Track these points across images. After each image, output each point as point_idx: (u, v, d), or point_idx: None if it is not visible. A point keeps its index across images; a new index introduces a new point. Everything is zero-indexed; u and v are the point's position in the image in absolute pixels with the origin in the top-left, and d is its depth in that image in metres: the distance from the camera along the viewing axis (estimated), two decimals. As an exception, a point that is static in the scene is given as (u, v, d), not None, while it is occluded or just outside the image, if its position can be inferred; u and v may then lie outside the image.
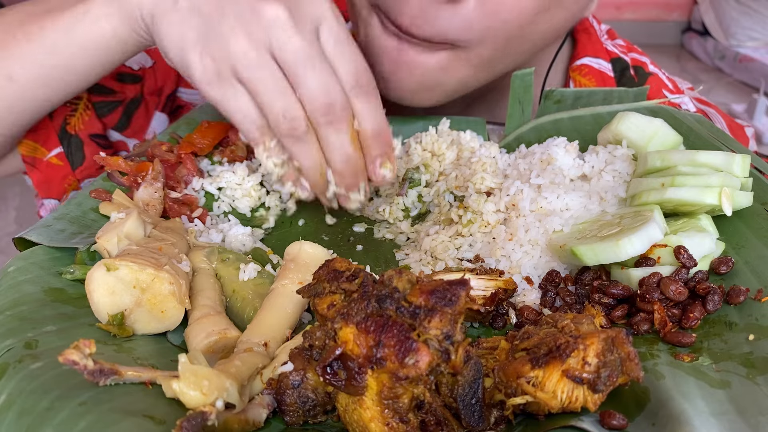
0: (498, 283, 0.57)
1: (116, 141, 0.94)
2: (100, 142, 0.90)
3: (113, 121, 0.91)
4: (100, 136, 0.90)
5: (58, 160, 0.87)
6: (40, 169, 0.87)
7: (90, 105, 0.89)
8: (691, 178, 0.60)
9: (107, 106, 0.91)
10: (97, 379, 0.42)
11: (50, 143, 0.86)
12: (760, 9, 4.41)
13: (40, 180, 0.88)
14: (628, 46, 1.05)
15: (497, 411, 0.45)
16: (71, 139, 0.87)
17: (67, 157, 0.87)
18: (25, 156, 0.86)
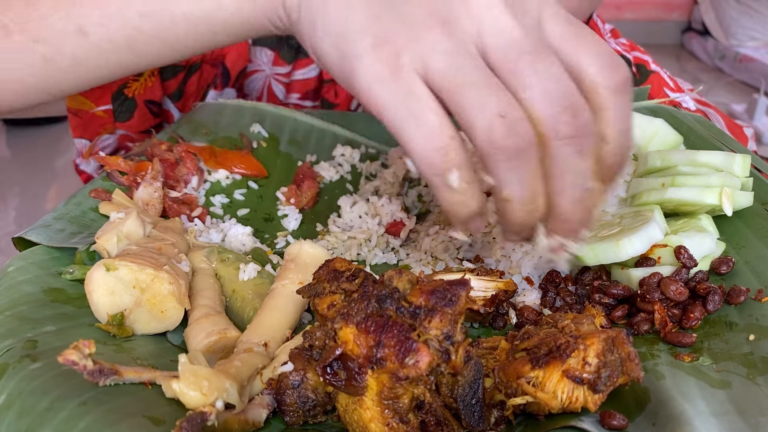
0: (498, 284, 0.57)
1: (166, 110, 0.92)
2: (153, 108, 0.87)
3: (172, 88, 0.88)
4: (155, 103, 0.87)
5: (104, 114, 0.85)
6: (82, 118, 0.85)
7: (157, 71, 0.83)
8: (692, 178, 0.60)
9: (172, 70, 0.86)
10: (97, 379, 0.42)
11: (102, 101, 0.82)
12: (760, 9, 4.41)
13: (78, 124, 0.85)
14: (630, 45, 1.05)
15: (497, 411, 0.44)
16: (126, 101, 0.84)
17: (114, 114, 0.85)
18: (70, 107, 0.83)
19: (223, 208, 0.74)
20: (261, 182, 0.79)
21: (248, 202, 0.76)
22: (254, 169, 0.79)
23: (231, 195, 0.75)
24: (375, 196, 0.77)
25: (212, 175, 0.76)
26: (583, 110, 0.43)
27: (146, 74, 0.84)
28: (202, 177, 0.75)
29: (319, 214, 0.77)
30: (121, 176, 0.70)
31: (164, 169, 0.71)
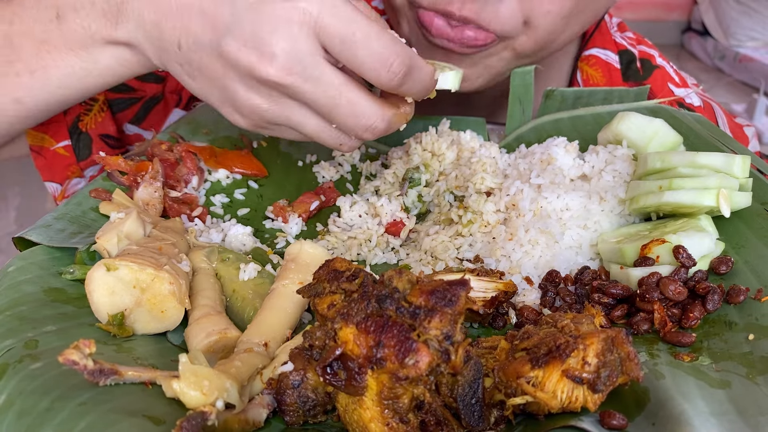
0: (498, 285, 0.57)
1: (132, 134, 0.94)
2: (109, 142, 0.90)
3: (129, 116, 0.91)
4: (110, 137, 0.90)
5: (65, 152, 0.87)
6: (45, 157, 0.87)
7: (105, 106, 0.88)
8: (689, 180, 0.60)
9: (125, 102, 0.90)
10: (97, 379, 0.42)
11: (59, 136, 0.86)
12: (760, 9, 4.41)
13: (44, 165, 0.88)
14: (637, 38, 1.05)
15: (497, 411, 0.45)
16: (81, 135, 0.87)
17: (74, 150, 0.87)
18: (32, 145, 0.86)
19: (224, 207, 0.74)
20: (261, 182, 0.79)
21: (248, 202, 0.76)
22: (254, 169, 0.79)
23: (231, 195, 0.76)
24: (375, 196, 0.77)
25: (212, 175, 0.76)
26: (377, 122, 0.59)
27: (95, 109, 0.87)
28: (203, 177, 0.75)
29: (319, 214, 0.77)
30: (121, 176, 0.70)
31: (164, 169, 0.71)
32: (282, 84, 0.56)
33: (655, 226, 0.63)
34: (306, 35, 0.55)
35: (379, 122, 0.59)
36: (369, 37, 0.55)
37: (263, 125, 0.62)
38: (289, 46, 0.55)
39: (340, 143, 0.62)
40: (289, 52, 0.55)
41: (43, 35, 0.67)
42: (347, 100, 0.57)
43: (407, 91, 0.59)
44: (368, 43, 0.55)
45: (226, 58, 0.57)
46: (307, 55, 0.55)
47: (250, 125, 0.63)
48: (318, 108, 0.58)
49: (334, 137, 0.62)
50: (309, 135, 0.62)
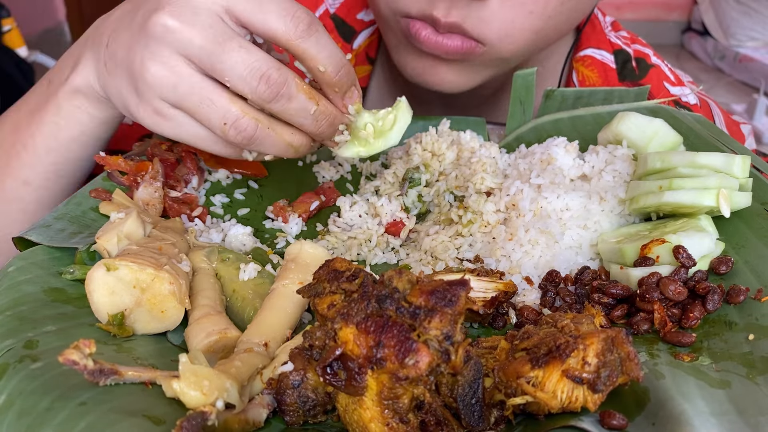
0: (498, 285, 0.57)
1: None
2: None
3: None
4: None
5: None
6: None
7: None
8: (689, 180, 0.60)
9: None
10: (97, 379, 0.42)
11: None
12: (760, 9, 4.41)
13: None
14: (632, 37, 1.05)
15: (497, 411, 0.45)
16: None
17: None
18: None
19: (224, 207, 0.74)
20: (261, 182, 0.79)
21: (248, 202, 0.76)
22: (254, 169, 0.79)
23: (231, 195, 0.76)
24: (375, 196, 0.77)
25: (212, 175, 0.76)
26: (272, 71, 0.57)
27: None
28: (203, 177, 0.75)
29: (319, 214, 0.77)
30: (121, 176, 0.70)
31: (164, 168, 0.71)
32: (170, 28, 0.56)
33: (655, 226, 0.63)
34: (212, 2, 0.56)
35: (275, 71, 0.57)
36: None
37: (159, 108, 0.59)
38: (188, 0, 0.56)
39: (225, 121, 0.58)
40: (185, 2, 0.56)
41: (36, 106, 0.72)
42: (239, 44, 0.56)
43: (313, 51, 0.58)
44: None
45: (134, 20, 0.59)
46: (205, 9, 0.56)
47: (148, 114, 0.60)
48: (208, 58, 0.56)
49: (222, 110, 0.58)
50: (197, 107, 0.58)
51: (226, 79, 0.57)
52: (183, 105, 0.58)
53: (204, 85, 0.57)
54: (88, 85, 0.68)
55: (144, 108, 0.60)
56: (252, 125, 0.59)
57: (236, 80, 0.57)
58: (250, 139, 0.59)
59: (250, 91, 0.57)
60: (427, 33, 0.78)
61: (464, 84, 0.85)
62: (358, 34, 1.02)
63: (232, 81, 0.57)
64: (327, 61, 0.59)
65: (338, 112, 0.63)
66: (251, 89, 0.57)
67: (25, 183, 0.73)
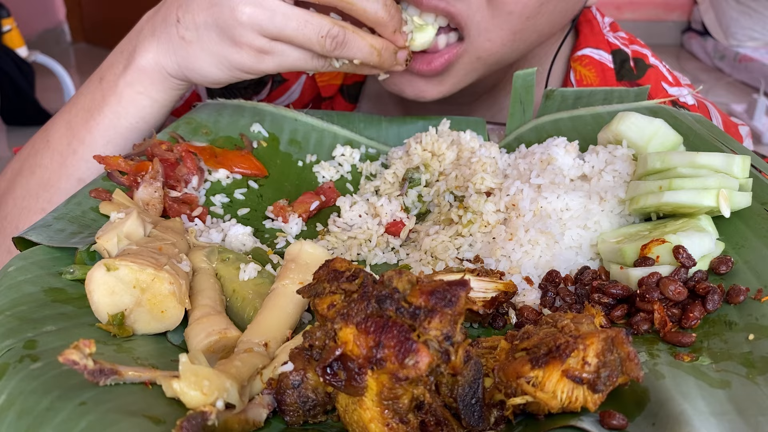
0: (498, 285, 0.57)
1: None
2: None
3: None
4: None
5: None
6: None
7: None
8: (689, 181, 0.60)
9: None
10: (97, 379, 0.42)
11: None
12: (760, 9, 4.41)
13: None
14: (630, 38, 1.05)
15: (497, 411, 0.45)
16: None
17: None
18: None
19: (224, 207, 0.74)
20: (261, 182, 0.79)
21: (248, 202, 0.76)
22: (254, 169, 0.79)
23: (231, 195, 0.76)
24: (375, 196, 0.77)
25: (212, 175, 0.76)
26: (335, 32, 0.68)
27: None
28: (203, 177, 0.75)
29: (319, 214, 0.77)
30: (121, 176, 0.70)
31: (164, 169, 0.71)
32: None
33: (655, 226, 0.63)
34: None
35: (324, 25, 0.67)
36: None
37: (260, 46, 0.68)
38: None
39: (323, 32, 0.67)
40: None
41: (90, 103, 0.75)
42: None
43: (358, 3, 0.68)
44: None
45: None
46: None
47: (252, 56, 0.69)
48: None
49: (317, 25, 0.67)
50: (296, 31, 0.67)
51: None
52: (283, 33, 0.67)
53: (295, 10, 0.67)
54: (158, 66, 0.72)
55: (246, 50, 0.68)
56: (341, 31, 0.68)
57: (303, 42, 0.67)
58: (343, 44, 0.69)
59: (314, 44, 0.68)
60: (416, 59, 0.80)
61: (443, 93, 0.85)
62: None
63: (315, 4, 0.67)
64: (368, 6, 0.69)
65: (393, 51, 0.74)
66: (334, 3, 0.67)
67: (80, 181, 0.75)
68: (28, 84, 3.65)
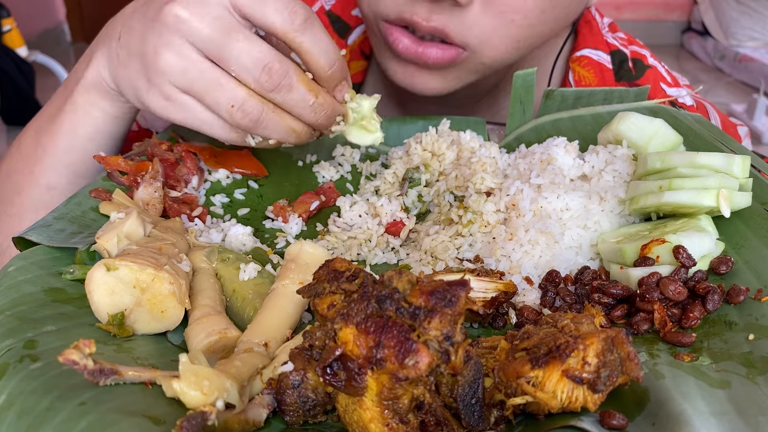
0: (498, 285, 0.57)
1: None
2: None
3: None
4: None
5: None
6: None
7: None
8: (689, 181, 0.60)
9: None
10: (97, 379, 0.42)
11: None
12: (760, 9, 4.41)
13: None
14: (629, 38, 1.05)
15: (497, 411, 0.45)
16: None
17: None
18: None
19: (224, 207, 0.74)
20: (261, 182, 0.79)
21: (248, 202, 0.76)
22: (254, 169, 0.79)
23: (231, 194, 0.76)
24: (375, 196, 0.77)
25: (212, 175, 0.76)
26: (274, 63, 0.60)
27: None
28: (203, 177, 0.75)
29: (319, 214, 0.77)
30: (121, 176, 0.70)
31: (164, 168, 0.71)
32: (181, 18, 0.59)
33: (655, 226, 0.63)
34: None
35: (277, 63, 0.60)
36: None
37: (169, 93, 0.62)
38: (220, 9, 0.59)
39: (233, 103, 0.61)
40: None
41: (54, 111, 0.74)
42: (244, 35, 0.60)
43: (308, 45, 0.61)
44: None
45: (146, 11, 0.63)
46: (213, 1, 0.60)
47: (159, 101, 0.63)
48: (216, 48, 0.60)
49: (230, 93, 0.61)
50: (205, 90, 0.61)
51: (232, 69, 0.60)
52: (192, 89, 0.61)
53: (212, 70, 0.61)
54: (100, 78, 0.70)
55: (154, 93, 0.63)
56: (258, 108, 0.62)
57: (240, 69, 0.60)
58: (255, 122, 0.62)
59: (253, 80, 0.60)
60: (405, 45, 0.79)
61: (448, 89, 0.85)
62: (352, 31, 1.03)
63: (236, 70, 0.60)
64: (321, 55, 0.62)
65: (336, 104, 0.66)
66: (254, 78, 0.60)
67: (49, 188, 0.75)
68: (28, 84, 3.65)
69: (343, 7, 1.03)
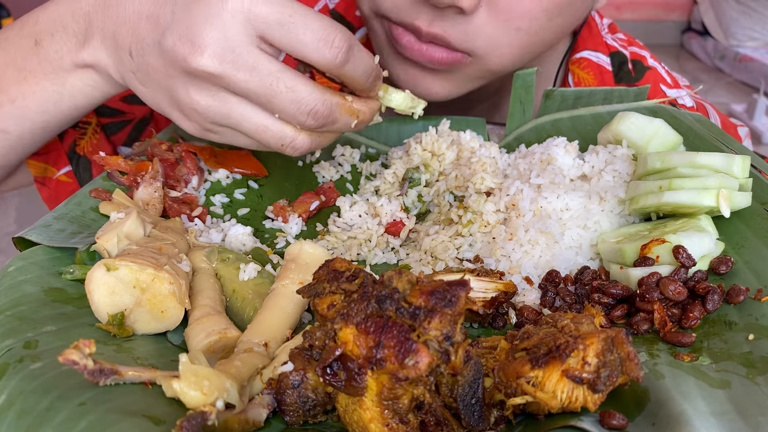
0: (498, 285, 0.57)
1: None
2: None
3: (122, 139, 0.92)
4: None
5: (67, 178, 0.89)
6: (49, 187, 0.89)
7: (99, 128, 0.90)
8: (689, 181, 0.60)
9: (116, 125, 0.92)
10: (97, 379, 0.42)
11: (60, 163, 0.89)
12: (760, 9, 4.41)
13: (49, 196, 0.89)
14: (629, 39, 1.05)
15: (497, 411, 0.45)
16: (80, 160, 0.89)
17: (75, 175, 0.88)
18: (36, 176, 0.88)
19: (224, 207, 0.74)
20: (261, 182, 0.79)
21: (248, 202, 0.76)
22: (254, 169, 0.79)
23: (231, 194, 0.76)
24: (375, 196, 0.77)
25: (212, 175, 0.76)
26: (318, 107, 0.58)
27: (89, 132, 0.89)
28: (203, 177, 0.75)
29: (319, 214, 0.77)
30: (121, 176, 0.70)
31: (164, 168, 0.71)
32: (215, 74, 0.56)
33: (655, 226, 0.63)
34: (240, 24, 0.55)
35: (320, 105, 0.58)
36: (307, 15, 0.55)
37: (208, 127, 0.62)
38: (220, 34, 0.54)
39: (282, 143, 0.61)
40: (219, 40, 0.55)
41: (22, 63, 0.70)
42: (285, 85, 0.57)
43: (350, 72, 0.59)
44: (307, 20, 0.55)
45: (165, 53, 0.57)
46: (240, 44, 0.55)
47: (196, 130, 0.63)
48: (257, 98, 0.58)
49: (277, 134, 0.60)
50: (249, 133, 0.61)
51: (276, 115, 0.59)
52: (238, 129, 0.61)
53: (256, 114, 0.59)
54: (104, 68, 0.67)
55: (192, 125, 0.62)
56: (307, 141, 0.62)
57: (287, 117, 0.59)
58: (304, 152, 0.63)
59: (299, 123, 0.60)
60: (409, 39, 0.77)
61: (452, 93, 0.85)
62: (356, 31, 1.03)
63: (282, 116, 0.59)
64: (362, 76, 0.60)
65: (373, 111, 0.65)
66: (300, 123, 0.60)
67: (2, 131, 0.72)
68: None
69: (347, 7, 1.03)
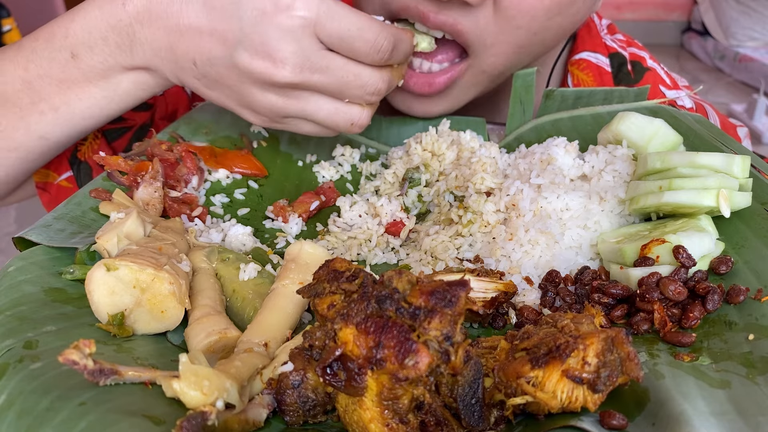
0: (498, 285, 0.57)
1: None
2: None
3: (123, 145, 0.93)
4: None
5: (68, 183, 0.89)
6: (50, 192, 0.89)
7: (100, 134, 0.91)
8: (689, 181, 0.60)
9: (117, 132, 0.93)
10: (97, 379, 0.42)
11: (61, 169, 0.89)
12: (760, 9, 4.41)
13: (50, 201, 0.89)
14: (628, 40, 1.05)
15: (497, 411, 0.45)
16: (80, 165, 0.89)
17: (76, 180, 0.89)
18: (37, 182, 0.88)
19: (224, 207, 0.74)
20: (261, 182, 0.79)
21: (248, 202, 0.76)
22: (254, 169, 0.79)
23: (231, 195, 0.76)
24: (375, 196, 0.77)
25: (212, 175, 0.76)
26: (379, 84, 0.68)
27: (90, 138, 0.90)
28: (203, 177, 0.75)
29: (319, 214, 0.77)
30: (121, 176, 0.70)
31: (164, 168, 0.71)
32: (296, 82, 0.65)
33: (655, 226, 0.63)
34: (308, 36, 0.63)
35: (381, 83, 0.69)
36: (361, 29, 0.65)
37: (279, 120, 0.70)
38: (296, 48, 0.63)
39: (352, 122, 0.70)
40: (296, 53, 0.63)
41: (62, 74, 0.72)
42: (353, 74, 0.67)
43: (393, 61, 0.69)
44: (361, 35, 0.65)
45: (241, 68, 0.65)
46: (313, 52, 0.64)
47: (266, 122, 0.71)
48: (330, 91, 0.67)
49: (346, 116, 0.69)
50: (323, 121, 0.69)
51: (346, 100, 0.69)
52: (311, 119, 0.70)
53: (327, 102, 0.68)
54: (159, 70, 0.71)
55: (261, 119, 0.71)
56: (368, 115, 0.71)
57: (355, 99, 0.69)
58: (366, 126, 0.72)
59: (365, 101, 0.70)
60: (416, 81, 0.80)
61: (450, 109, 0.86)
62: None
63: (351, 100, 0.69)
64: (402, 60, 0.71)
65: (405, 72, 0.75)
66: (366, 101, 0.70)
67: (41, 138, 0.75)
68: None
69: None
